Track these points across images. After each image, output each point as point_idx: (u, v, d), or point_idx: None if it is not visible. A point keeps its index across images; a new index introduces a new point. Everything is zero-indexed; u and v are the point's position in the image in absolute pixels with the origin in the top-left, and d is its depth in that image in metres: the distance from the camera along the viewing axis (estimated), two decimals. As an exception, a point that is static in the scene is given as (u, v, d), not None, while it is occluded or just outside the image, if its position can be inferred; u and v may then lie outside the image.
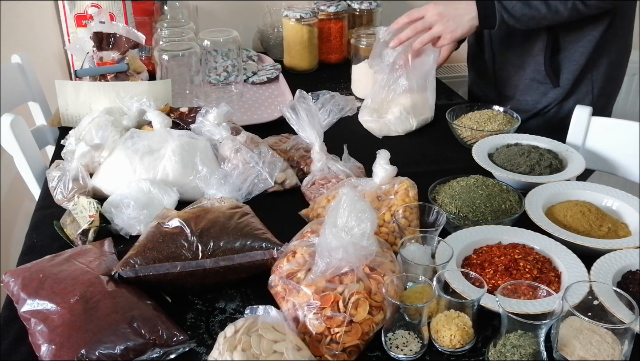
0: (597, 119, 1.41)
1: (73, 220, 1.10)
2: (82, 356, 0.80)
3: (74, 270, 0.93)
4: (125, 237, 1.09)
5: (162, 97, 1.44)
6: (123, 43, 1.54)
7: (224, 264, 0.95)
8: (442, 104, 1.68)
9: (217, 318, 0.93)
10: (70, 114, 1.48)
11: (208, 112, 1.28)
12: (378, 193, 1.09)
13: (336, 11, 1.94)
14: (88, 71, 1.52)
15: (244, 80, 1.76)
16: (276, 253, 0.96)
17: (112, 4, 1.72)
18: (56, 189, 1.20)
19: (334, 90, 1.38)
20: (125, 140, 1.22)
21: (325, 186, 1.20)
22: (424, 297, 0.87)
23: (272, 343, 0.78)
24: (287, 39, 1.91)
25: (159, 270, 0.93)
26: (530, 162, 1.25)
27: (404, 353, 0.85)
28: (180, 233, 0.97)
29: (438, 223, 1.02)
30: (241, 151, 1.22)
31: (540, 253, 1.02)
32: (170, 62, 1.54)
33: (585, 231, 1.07)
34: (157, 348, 0.84)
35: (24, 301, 0.89)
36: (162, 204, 1.13)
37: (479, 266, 0.99)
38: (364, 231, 0.86)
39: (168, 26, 1.71)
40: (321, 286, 0.86)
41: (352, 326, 0.84)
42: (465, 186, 1.15)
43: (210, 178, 1.14)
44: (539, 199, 1.14)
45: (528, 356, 0.80)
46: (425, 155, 1.43)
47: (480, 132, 1.41)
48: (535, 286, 0.88)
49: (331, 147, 1.27)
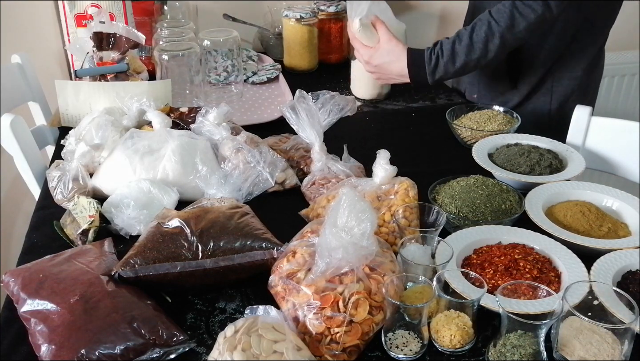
0: (597, 119, 1.41)
1: (73, 220, 1.10)
2: (82, 356, 0.80)
3: (74, 270, 0.93)
4: (125, 237, 1.09)
5: (162, 97, 1.44)
6: (123, 43, 1.54)
7: (224, 264, 0.95)
8: (442, 104, 1.69)
9: (217, 318, 0.93)
10: (70, 114, 1.48)
11: (208, 112, 1.28)
12: (378, 193, 1.09)
13: (336, 11, 1.94)
14: (88, 71, 1.52)
15: (244, 80, 1.76)
16: (276, 253, 0.96)
17: (112, 4, 1.72)
18: (56, 189, 1.20)
19: (334, 90, 1.38)
20: (125, 140, 1.22)
21: (325, 186, 1.20)
22: (424, 297, 0.87)
23: (272, 343, 0.78)
24: (287, 39, 1.91)
25: (159, 270, 0.93)
26: (530, 162, 1.25)
27: (404, 353, 0.85)
28: (180, 233, 0.97)
29: (438, 223, 1.02)
30: (242, 151, 1.22)
31: (540, 253, 1.02)
32: (170, 62, 1.53)
33: (585, 231, 1.07)
34: (157, 348, 0.84)
35: (24, 301, 0.89)
36: (162, 204, 1.13)
37: (479, 266, 0.99)
38: (364, 231, 0.86)
39: (168, 26, 1.71)
40: (321, 286, 0.86)
41: (352, 326, 0.84)
42: (465, 186, 1.15)
43: (210, 178, 1.14)
44: (539, 199, 1.14)
45: (528, 356, 0.80)
46: (425, 155, 1.43)
47: (480, 132, 1.41)
48: (535, 286, 0.88)
49: (331, 147, 1.27)
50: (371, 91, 1.71)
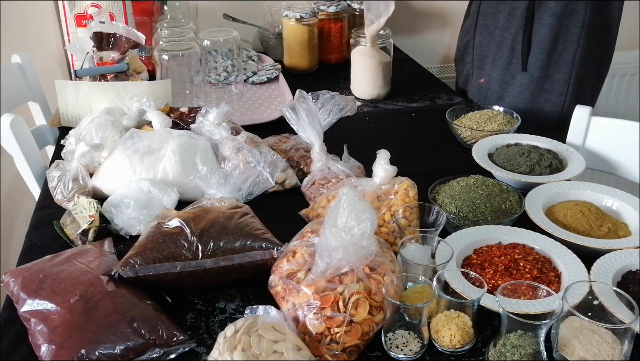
0: (597, 119, 1.41)
1: (73, 220, 1.10)
2: (82, 356, 0.80)
3: (74, 270, 0.93)
4: (125, 237, 1.09)
5: (162, 97, 1.44)
6: (123, 43, 1.54)
7: (224, 264, 0.95)
8: (442, 104, 1.68)
9: (217, 318, 0.93)
10: (70, 114, 1.48)
11: (208, 112, 1.28)
12: (378, 193, 1.09)
13: (336, 11, 1.94)
14: (88, 71, 1.52)
15: (244, 80, 1.76)
16: (276, 253, 0.96)
17: (112, 4, 1.72)
18: (56, 189, 1.20)
19: (334, 90, 1.38)
20: (125, 140, 1.22)
21: (325, 186, 1.20)
22: (424, 297, 0.87)
23: (272, 343, 0.78)
24: (287, 39, 1.91)
25: (159, 270, 0.93)
26: (530, 162, 1.25)
27: (404, 353, 0.85)
28: (180, 233, 0.97)
29: (438, 223, 1.02)
30: (243, 151, 1.22)
31: (540, 253, 1.02)
32: (170, 62, 1.53)
33: (585, 231, 1.07)
34: (157, 348, 0.84)
35: (24, 301, 0.89)
36: (162, 204, 1.13)
37: (479, 266, 0.99)
38: (364, 231, 0.86)
39: (168, 26, 1.71)
40: (321, 286, 0.86)
41: (352, 326, 0.84)
42: (465, 186, 1.15)
43: (210, 178, 1.14)
44: (539, 199, 1.14)
45: (528, 356, 0.80)
46: (425, 155, 1.43)
47: (480, 132, 1.41)
48: (535, 286, 0.88)
49: (331, 147, 1.27)
50: (371, 91, 1.71)
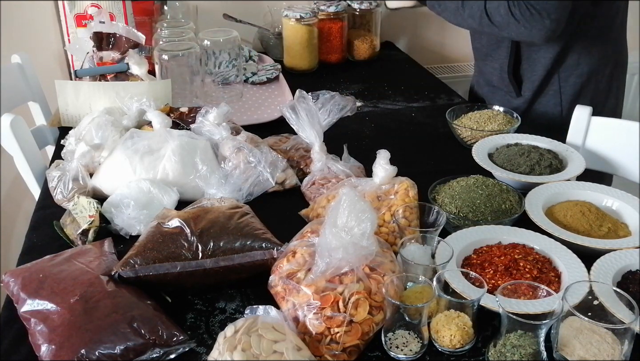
0: (597, 119, 1.41)
1: (73, 220, 1.10)
2: (82, 356, 0.80)
3: (74, 270, 0.93)
4: (125, 237, 1.09)
5: (162, 97, 1.44)
6: (123, 43, 1.54)
7: (224, 264, 0.95)
8: (442, 104, 1.69)
9: (217, 318, 0.93)
10: (70, 114, 1.48)
11: (208, 112, 1.28)
12: (378, 193, 1.09)
13: (336, 11, 1.94)
14: (88, 71, 1.52)
15: (244, 80, 1.76)
16: (276, 253, 0.96)
17: (112, 4, 1.72)
18: (56, 189, 1.20)
19: (334, 90, 1.38)
20: (125, 140, 1.22)
21: (325, 186, 1.20)
22: (424, 297, 0.87)
23: (272, 343, 0.78)
24: (287, 39, 1.91)
25: (159, 270, 0.93)
26: (530, 162, 1.25)
27: (404, 353, 0.85)
28: (180, 233, 0.97)
29: (438, 223, 1.02)
30: (243, 151, 1.22)
31: (540, 253, 1.02)
32: (170, 62, 1.53)
33: (585, 231, 1.07)
34: (157, 348, 0.84)
35: (24, 301, 0.89)
36: (162, 204, 1.13)
37: (479, 266, 0.99)
38: (364, 231, 0.86)
39: (168, 26, 1.71)
40: (321, 286, 0.86)
41: (352, 326, 0.84)
42: (465, 186, 1.15)
43: (210, 178, 1.14)
44: (539, 199, 1.14)
45: (528, 356, 0.80)
46: (425, 155, 1.43)
47: (480, 132, 1.41)
48: (535, 286, 0.88)
49: (331, 147, 1.27)
50: None
